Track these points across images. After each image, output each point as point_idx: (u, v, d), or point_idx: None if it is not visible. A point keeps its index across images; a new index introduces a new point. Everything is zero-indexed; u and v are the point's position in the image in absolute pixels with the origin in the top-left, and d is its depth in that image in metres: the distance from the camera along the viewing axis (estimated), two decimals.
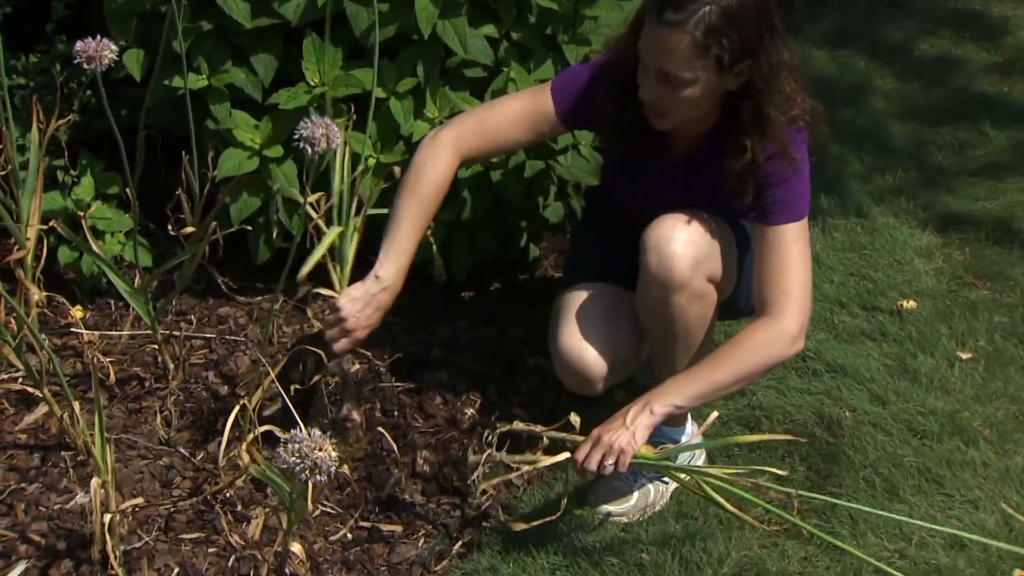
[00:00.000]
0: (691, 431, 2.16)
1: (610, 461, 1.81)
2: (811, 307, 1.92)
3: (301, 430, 1.39)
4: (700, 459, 2.19)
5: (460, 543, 1.99)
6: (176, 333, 2.38)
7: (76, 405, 1.75)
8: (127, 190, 2.36)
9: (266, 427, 1.81)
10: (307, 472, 1.37)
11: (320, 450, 1.36)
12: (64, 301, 2.38)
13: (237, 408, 1.85)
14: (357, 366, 2.36)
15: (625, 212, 2.17)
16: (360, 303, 1.91)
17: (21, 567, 1.83)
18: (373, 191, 2.08)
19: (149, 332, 2.39)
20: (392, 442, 2.01)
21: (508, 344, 2.53)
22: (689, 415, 2.16)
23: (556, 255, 2.89)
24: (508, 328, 2.59)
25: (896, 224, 3.09)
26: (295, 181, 2.30)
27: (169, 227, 2.27)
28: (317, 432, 1.40)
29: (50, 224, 1.97)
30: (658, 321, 1.96)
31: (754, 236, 1.95)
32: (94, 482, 1.66)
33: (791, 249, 1.89)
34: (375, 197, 2.06)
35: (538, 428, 1.92)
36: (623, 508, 2.10)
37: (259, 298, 2.54)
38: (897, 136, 3.62)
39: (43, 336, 2.32)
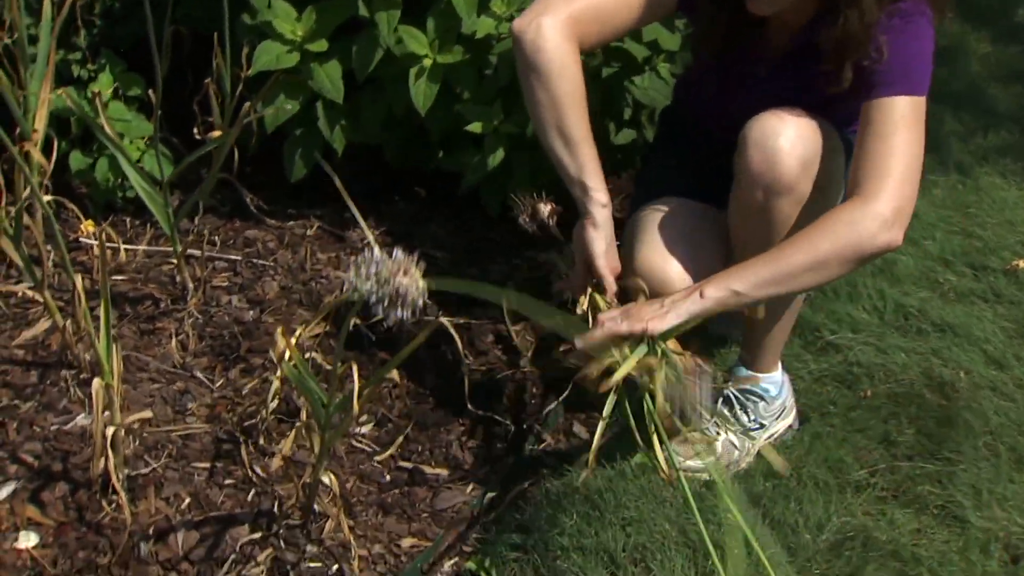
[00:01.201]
0: (782, 380, 1.94)
1: (627, 325, 1.56)
2: (913, 199, 1.63)
3: (375, 250, 1.11)
4: (790, 416, 1.96)
5: (515, 491, 1.77)
6: (197, 253, 2.18)
7: (82, 299, 1.54)
8: (150, 92, 2.20)
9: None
10: (386, 302, 1.07)
11: (404, 274, 1.07)
12: (76, 212, 2.18)
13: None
14: None
15: (708, 125, 1.95)
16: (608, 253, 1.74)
17: (8, 488, 1.63)
18: None
19: (166, 250, 2.21)
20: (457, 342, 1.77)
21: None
22: (780, 364, 1.94)
23: (621, 198, 2.67)
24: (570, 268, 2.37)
25: (1003, 185, 2.87)
26: (339, 82, 2.10)
27: (195, 130, 2.08)
28: (400, 252, 1.11)
29: (60, 92, 1.76)
30: (755, 232, 1.73)
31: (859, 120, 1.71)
32: (96, 383, 1.46)
33: (896, 127, 1.62)
34: None
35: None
36: (702, 463, 1.88)
37: (291, 223, 2.35)
38: (997, 99, 3.41)
39: (48, 247, 2.14)
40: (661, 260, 1.80)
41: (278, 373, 1.54)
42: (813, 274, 1.60)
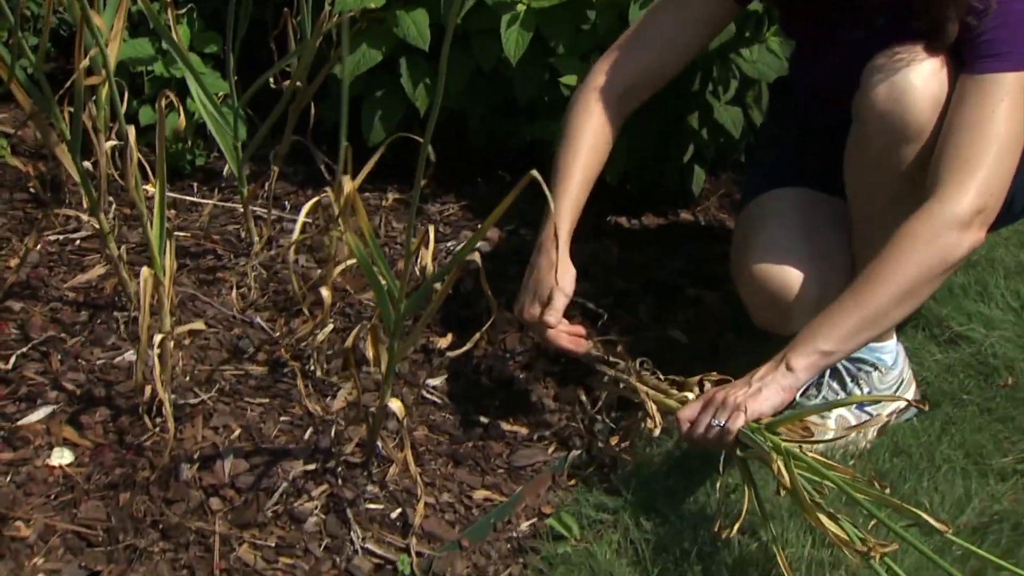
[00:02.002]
0: (897, 350, 1.76)
1: (719, 420, 1.42)
2: (1002, 194, 1.47)
3: None
4: (909, 391, 1.78)
5: (606, 456, 1.61)
6: (265, 213, 2.10)
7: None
8: (226, 49, 2.15)
9: None
10: None
11: None
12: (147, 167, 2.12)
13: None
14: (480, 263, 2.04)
15: (815, 102, 1.82)
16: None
17: (46, 410, 1.52)
18: None
19: (234, 206, 2.13)
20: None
21: (663, 271, 2.18)
22: (896, 333, 1.76)
23: (720, 195, 2.55)
24: (662, 258, 2.24)
25: None
26: (426, 30, 2.03)
27: (271, 81, 2.01)
28: None
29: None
30: (874, 186, 1.58)
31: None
32: (144, 272, 1.36)
33: (995, 110, 1.45)
34: None
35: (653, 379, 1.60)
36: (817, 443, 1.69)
37: (367, 193, 2.25)
38: None
39: (109, 199, 2.08)
40: (776, 264, 1.64)
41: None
42: (904, 306, 1.45)
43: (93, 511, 1.34)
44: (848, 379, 1.73)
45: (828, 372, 1.74)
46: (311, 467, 1.46)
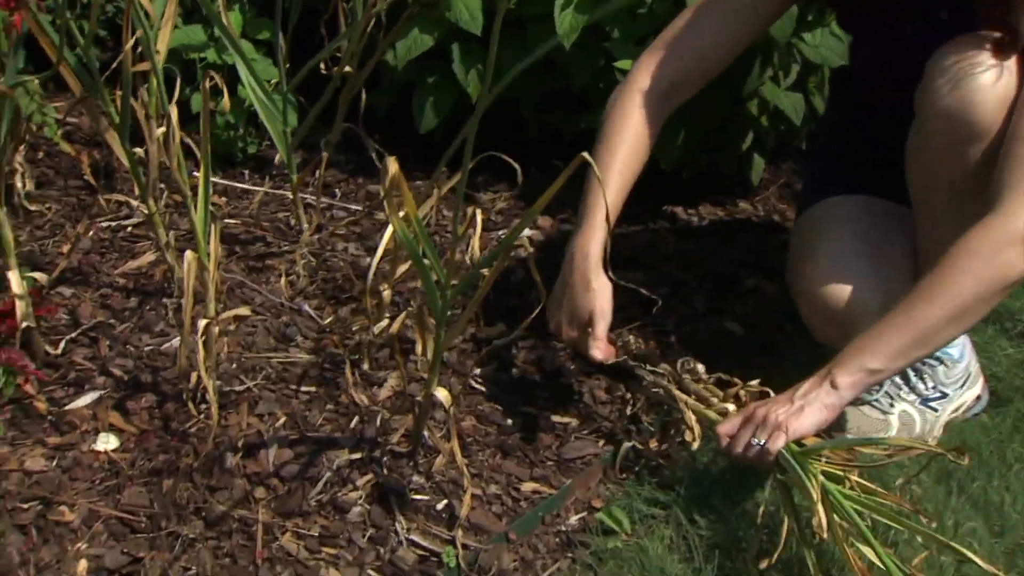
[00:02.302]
0: (964, 342, 1.69)
1: (758, 439, 1.36)
2: None
3: None
4: (976, 385, 1.71)
5: (660, 451, 1.57)
6: (314, 200, 2.09)
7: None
8: (277, 35, 2.14)
9: None
10: None
11: None
12: (195, 154, 2.11)
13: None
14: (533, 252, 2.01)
15: (869, 100, 1.75)
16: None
17: (93, 395, 1.52)
18: None
19: (284, 194, 2.12)
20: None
21: (721, 262, 2.13)
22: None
23: (781, 185, 2.49)
24: (720, 248, 2.19)
25: None
26: (478, 14, 2.00)
27: (321, 67, 2.00)
28: None
29: None
30: (936, 183, 1.51)
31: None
32: (188, 255, 1.34)
33: None
34: None
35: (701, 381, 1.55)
36: (880, 437, 1.64)
37: (418, 182, 2.23)
38: None
39: (161, 186, 2.08)
40: (836, 280, 1.58)
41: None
42: (958, 325, 1.38)
43: (136, 497, 1.33)
44: (912, 373, 1.67)
45: None
46: (356, 456, 1.44)
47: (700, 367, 1.61)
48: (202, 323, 1.40)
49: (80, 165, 2.13)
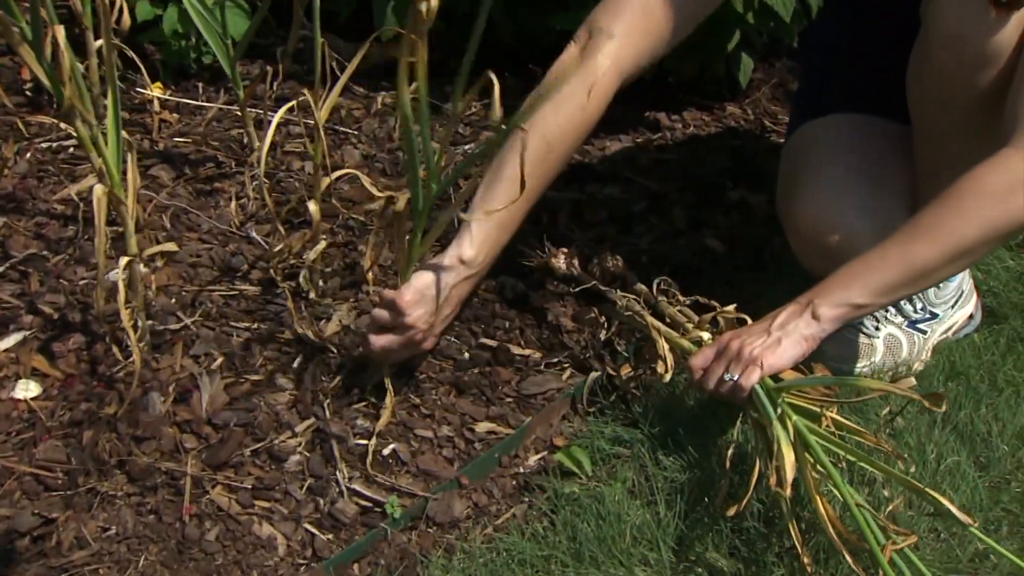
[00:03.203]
0: (960, 280, 1.57)
1: (732, 374, 1.26)
2: None
3: None
4: (969, 304, 1.59)
5: (631, 379, 1.46)
6: (271, 115, 1.95)
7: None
8: None
9: None
10: None
11: None
12: (144, 78, 1.98)
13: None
14: None
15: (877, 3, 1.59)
16: (431, 300, 1.33)
17: (17, 337, 1.42)
18: None
19: (237, 112, 1.99)
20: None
21: (704, 172, 2.01)
22: None
23: (773, 85, 2.34)
24: (705, 157, 2.06)
25: None
26: None
27: None
28: None
29: None
30: (941, 110, 1.37)
31: None
32: (97, 189, 1.23)
33: None
34: None
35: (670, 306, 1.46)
36: (863, 366, 1.54)
37: (383, 93, 2.10)
38: None
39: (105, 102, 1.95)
40: (827, 206, 1.45)
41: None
42: (956, 265, 1.24)
43: (53, 451, 1.24)
44: None
45: None
46: (296, 399, 1.35)
47: (676, 290, 1.50)
48: (123, 261, 1.29)
49: (22, 80, 2.01)
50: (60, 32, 1.16)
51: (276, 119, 1.41)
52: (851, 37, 1.65)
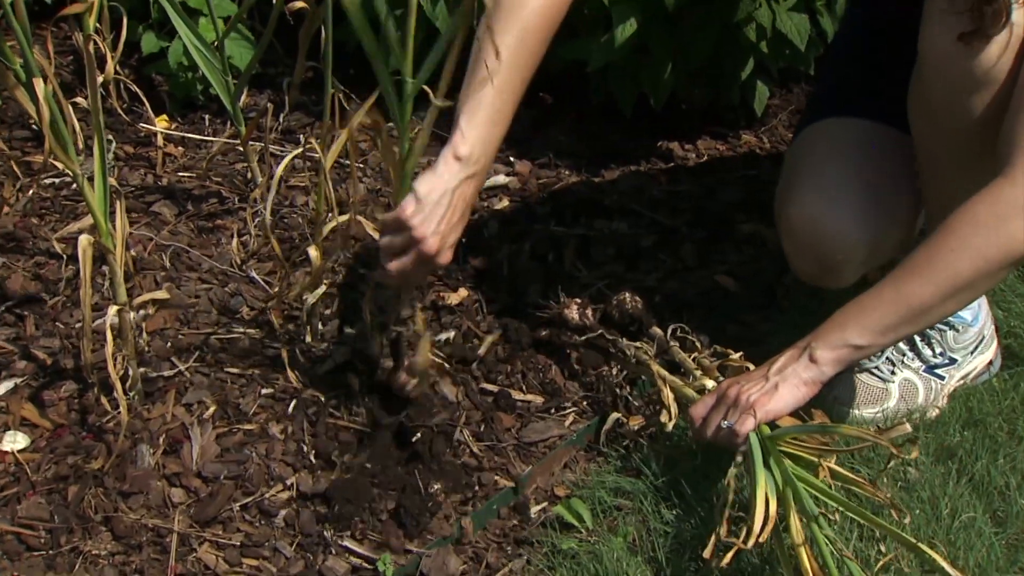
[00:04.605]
0: (978, 304, 1.52)
1: (729, 421, 1.23)
2: None
3: None
4: (989, 350, 1.54)
5: (640, 430, 1.42)
6: (277, 150, 1.94)
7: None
8: None
9: None
10: None
11: None
12: (149, 112, 1.96)
13: None
14: (506, 202, 1.85)
15: (889, 14, 1.54)
16: (434, 206, 1.23)
17: (7, 385, 1.40)
18: None
19: (241, 146, 1.96)
20: None
21: (716, 204, 1.96)
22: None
23: (791, 112, 2.29)
24: (717, 188, 2.01)
25: None
26: None
27: (279, 5, 1.82)
28: None
29: None
30: (939, 138, 1.32)
31: None
32: (82, 240, 1.20)
33: None
34: None
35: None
36: (876, 412, 1.48)
37: (391, 123, 2.06)
38: None
39: (109, 137, 1.94)
40: (821, 209, 1.39)
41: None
42: (954, 302, 1.19)
43: (36, 508, 1.21)
44: (918, 338, 1.50)
45: None
46: (288, 448, 1.31)
47: (694, 337, 1.46)
48: (111, 310, 1.26)
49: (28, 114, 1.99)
50: (39, 85, 1.13)
51: (279, 171, 1.37)
52: (864, 44, 1.60)
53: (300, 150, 1.47)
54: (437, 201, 1.23)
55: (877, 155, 1.46)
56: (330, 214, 1.43)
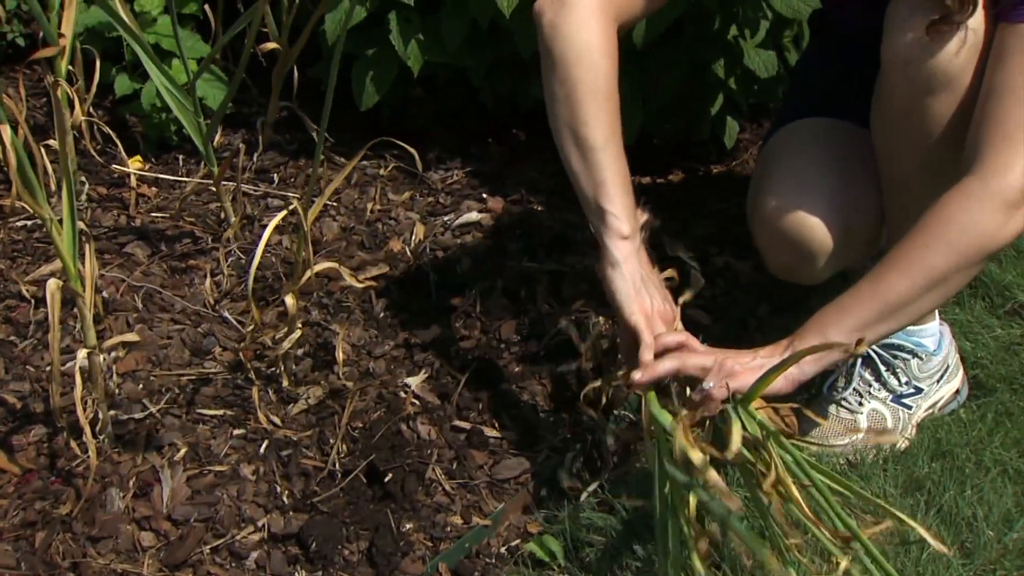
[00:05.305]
0: (940, 333, 1.54)
1: (711, 383, 1.19)
2: None
3: None
4: (955, 379, 1.55)
5: (613, 463, 1.42)
6: (250, 189, 1.94)
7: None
8: (206, 7, 1.99)
9: None
10: None
11: None
12: (120, 147, 1.97)
13: None
14: (479, 238, 1.86)
15: (848, 22, 1.57)
16: (644, 294, 1.27)
17: None
18: None
19: (214, 186, 1.97)
20: None
21: (688, 238, 1.97)
22: (938, 313, 1.53)
23: (760, 145, 2.30)
24: (690, 222, 2.02)
25: None
26: None
27: (250, 44, 1.84)
28: None
29: None
30: (902, 147, 1.34)
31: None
32: (51, 284, 1.21)
33: None
34: None
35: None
36: (846, 443, 1.50)
37: (364, 162, 2.08)
38: None
39: (82, 179, 1.94)
40: (791, 202, 1.41)
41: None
42: (931, 297, 1.21)
43: (2, 556, 1.20)
44: (883, 368, 1.52)
45: (860, 360, 1.53)
46: (260, 489, 1.31)
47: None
48: (80, 354, 1.26)
49: None
50: (6, 132, 1.14)
51: (268, 233, 1.37)
52: (826, 55, 1.64)
53: (285, 213, 1.46)
54: (642, 288, 1.27)
55: (844, 148, 1.48)
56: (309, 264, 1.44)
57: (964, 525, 1.34)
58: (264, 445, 1.39)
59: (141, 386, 1.47)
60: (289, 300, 1.39)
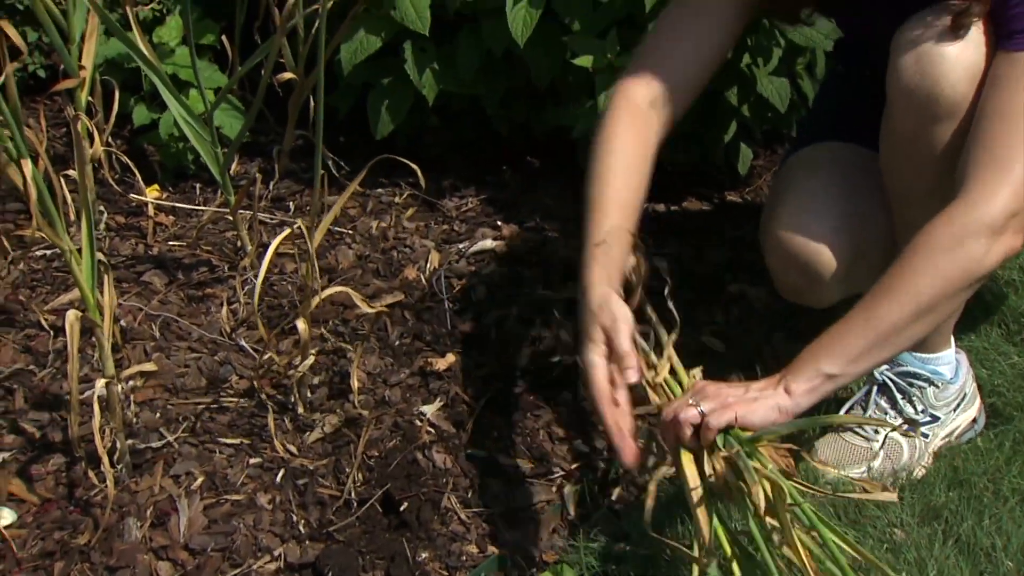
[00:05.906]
0: (956, 361, 1.53)
1: (703, 407, 1.17)
2: None
3: None
4: (972, 408, 1.55)
5: (619, 489, 1.42)
6: (267, 218, 1.96)
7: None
8: (223, 38, 2.01)
9: None
10: None
11: None
12: (138, 176, 1.98)
13: None
14: (494, 266, 1.87)
15: (866, 56, 1.58)
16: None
17: None
18: None
19: (230, 214, 1.99)
20: None
21: (703, 266, 1.97)
22: (953, 340, 1.53)
23: (775, 172, 2.31)
24: (704, 249, 2.03)
25: None
26: (425, 12, 1.84)
27: (267, 76, 1.86)
28: None
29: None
30: (908, 172, 1.35)
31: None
32: (70, 316, 1.22)
33: None
34: None
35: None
36: (861, 472, 1.49)
37: (379, 190, 2.09)
38: None
39: (100, 208, 1.96)
40: (803, 223, 1.42)
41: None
42: (921, 324, 1.21)
43: None
44: (899, 396, 1.51)
45: (875, 388, 1.53)
46: (276, 518, 1.31)
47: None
48: (99, 383, 1.27)
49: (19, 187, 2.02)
50: (27, 166, 1.15)
51: (271, 251, 1.38)
52: (844, 79, 1.66)
53: (288, 231, 1.47)
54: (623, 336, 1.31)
55: (855, 170, 1.49)
56: (316, 289, 1.45)
57: (983, 555, 1.34)
58: (280, 474, 1.39)
59: (158, 415, 1.48)
60: (301, 325, 1.40)
